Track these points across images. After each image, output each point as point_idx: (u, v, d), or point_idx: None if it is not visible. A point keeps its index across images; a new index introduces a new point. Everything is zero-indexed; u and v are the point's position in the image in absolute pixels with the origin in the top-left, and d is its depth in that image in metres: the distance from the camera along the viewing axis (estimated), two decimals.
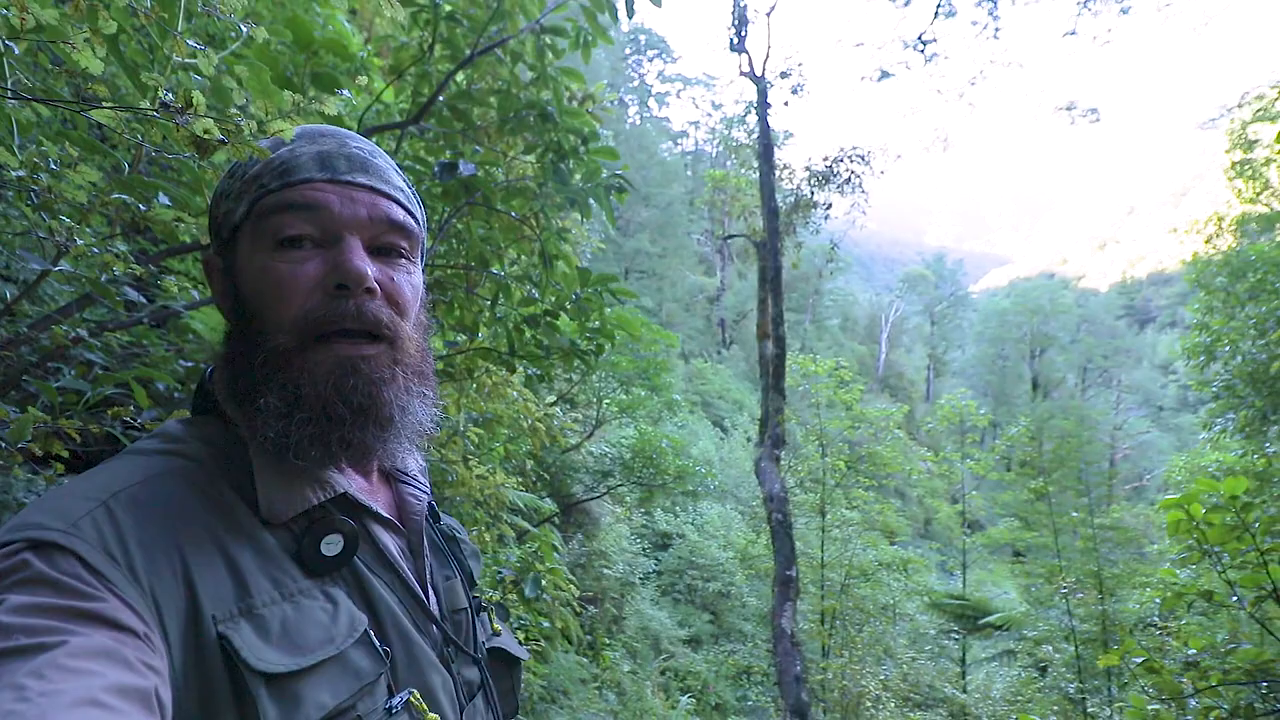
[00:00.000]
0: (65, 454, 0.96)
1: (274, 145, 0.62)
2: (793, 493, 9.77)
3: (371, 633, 0.55)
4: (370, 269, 0.57)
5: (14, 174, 0.76)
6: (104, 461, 0.54)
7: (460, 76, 2.35)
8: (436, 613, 0.64)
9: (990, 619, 10.41)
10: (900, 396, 33.41)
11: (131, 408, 0.97)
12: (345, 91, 2.54)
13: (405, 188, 0.65)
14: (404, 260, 0.62)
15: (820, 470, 10.64)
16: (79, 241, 0.83)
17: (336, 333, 0.56)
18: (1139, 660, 2.42)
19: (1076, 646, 7.91)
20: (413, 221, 0.63)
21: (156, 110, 0.61)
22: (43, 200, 0.79)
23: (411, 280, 0.62)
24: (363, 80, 2.41)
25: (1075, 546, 8.90)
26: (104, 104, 0.67)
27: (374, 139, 2.46)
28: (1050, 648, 8.42)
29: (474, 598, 0.72)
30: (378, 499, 0.65)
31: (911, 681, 8.89)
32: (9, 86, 0.82)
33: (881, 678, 8.79)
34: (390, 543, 0.63)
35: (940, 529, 22.31)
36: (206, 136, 0.60)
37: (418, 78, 2.25)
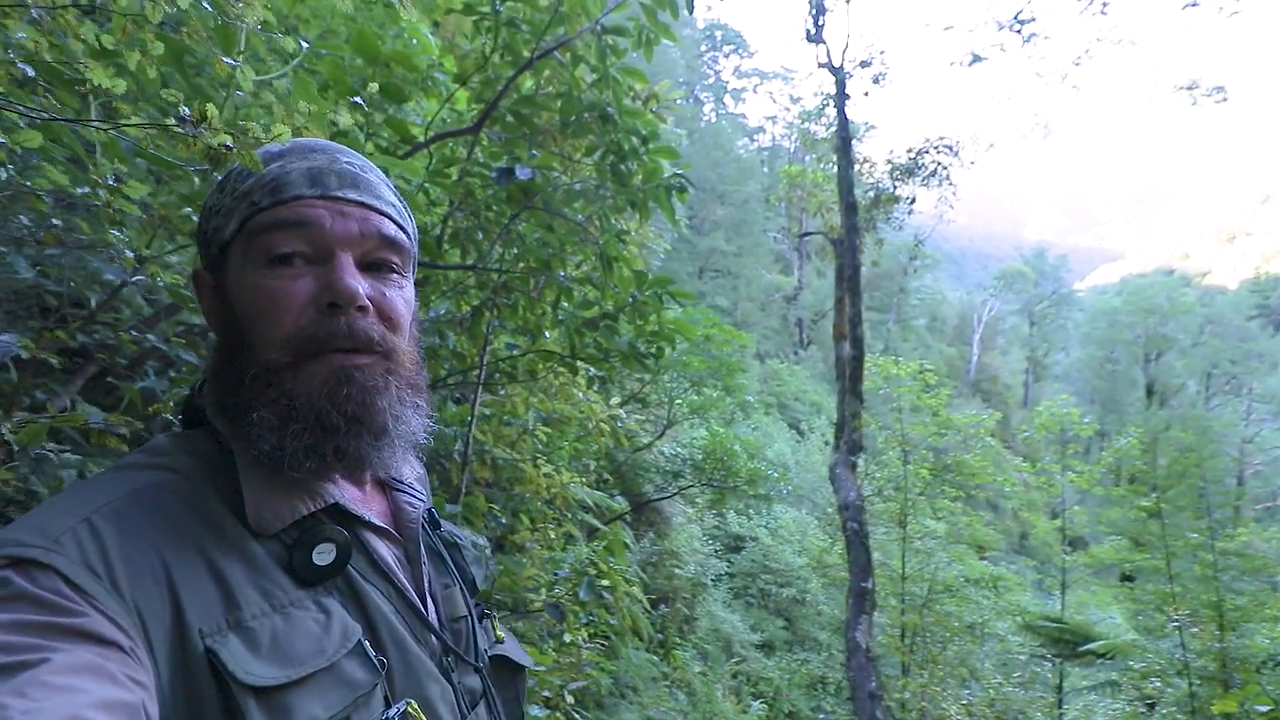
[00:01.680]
0: (125, 447, 1.03)
1: (264, 156, 0.62)
2: (870, 501, 9.38)
3: (366, 643, 0.54)
4: (362, 286, 0.58)
5: (79, 191, 0.83)
6: (93, 476, 0.56)
7: (527, 82, 2.38)
8: (435, 621, 0.63)
9: (1092, 646, 9.59)
10: (994, 402, 31.49)
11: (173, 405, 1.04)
12: (424, 103, 2.63)
13: (397, 202, 0.65)
14: (395, 275, 0.63)
15: (901, 478, 10.15)
16: (130, 254, 0.89)
17: (333, 350, 0.57)
18: (1265, 710, 2.14)
19: (1191, 684, 7.16)
20: (404, 236, 0.63)
21: (177, 125, 0.63)
22: (110, 216, 0.85)
23: (404, 295, 0.63)
24: (435, 89, 2.48)
25: (1193, 572, 8.04)
26: (134, 122, 0.70)
27: (446, 146, 2.53)
28: (1159, 683, 7.66)
29: (475, 605, 0.71)
30: (372, 508, 0.65)
31: (999, 708, 8.31)
32: (93, 114, 0.88)
33: (965, 701, 8.28)
34: (386, 552, 0.63)
35: (1037, 545, 20.85)
36: (218, 149, 0.61)
37: (482, 84, 2.29)
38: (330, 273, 0.57)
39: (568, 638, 3.27)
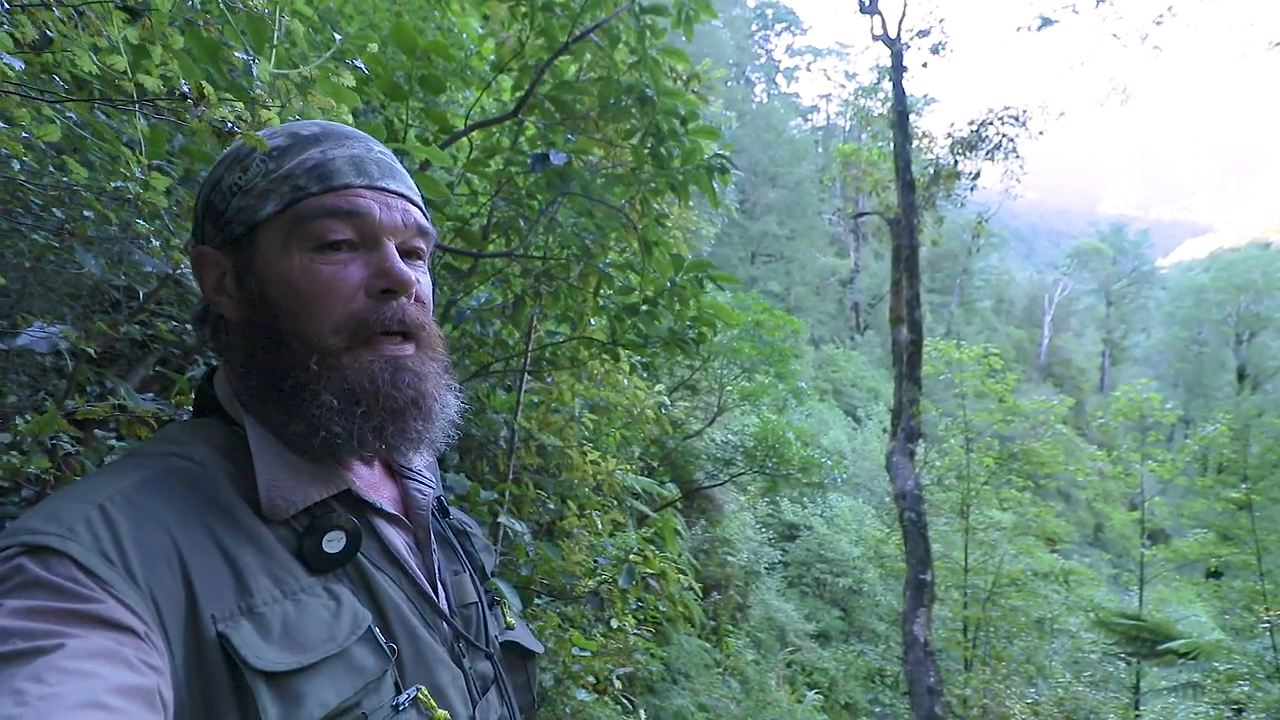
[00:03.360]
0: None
1: (296, 139, 0.62)
2: (930, 490, 9.08)
3: (376, 629, 0.54)
4: (411, 273, 0.60)
5: (113, 185, 0.86)
6: (106, 465, 0.57)
7: (569, 69, 2.36)
8: (445, 608, 0.64)
9: (1172, 645, 9.02)
10: (1067, 387, 29.97)
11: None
12: (469, 93, 2.65)
13: (419, 191, 0.68)
14: (421, 262, 0.65)
15: (964, 467, 9.77)
16: (156, 243, 0.92)
17: (381, 334, 0.59)
18: None
19: None
20: (429, 225, 0.66)
21: (180, 101, 0.63)
22: (147, 208, 0.88)
23: (428, 279, 0.65)
24: (474, 78, 2.49)
25: None
26: (150, 99, 0.71)
27: (487, 134, 2.55)
28: (1248, 686, 7.15)
29: (485, 591, 0.71)
30: (382, 495, 0.65)
31: (1068, 708, 7.93)
32: (130, 100, 0.91)
33: (1030, 699, 7.94)
34: (396, 538, 0.63)
35: (1114, 538, 19.77)
36: (222, 124, 0.61)
37: (520, 71, 2.29)
38: (382, 260, 0.59)
39: (615, 623, 3.29)
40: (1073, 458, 13.17)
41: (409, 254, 0.63)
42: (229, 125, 0.61)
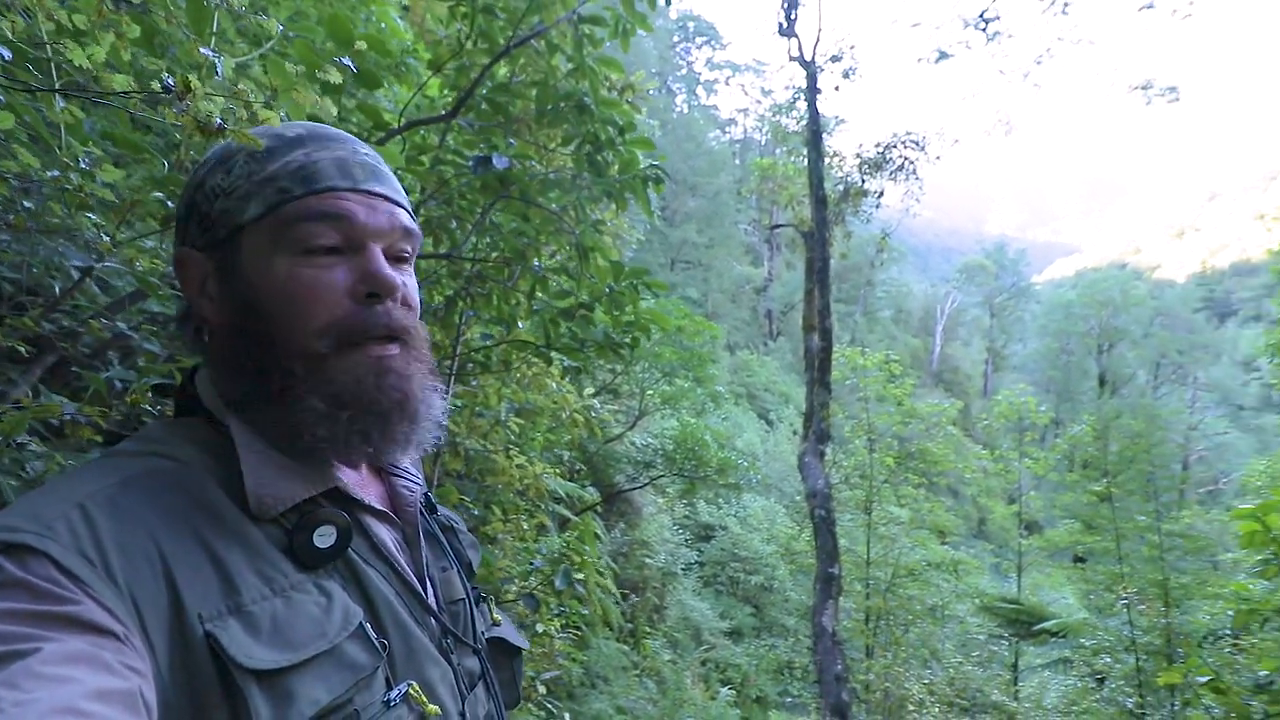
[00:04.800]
0: (99, 439, 1.00)
1: (279, 140, 0.61)
2: (838, 489, 9.57)
3: (367, 625, 0.54)
4: (396, 277, 0.60)
5: (50, 174, 0.80)
6: (84, 464, 0.55)
7: (502, 70, 2.36)
8: (434, 604, 0.64)
9: (1046, 625, 9.97)
10: (955, 391, 32.30)
11: (149, 396, 1.01)
12: (397, 90, 2.58)
13: (405, 193, 0.67)
14: (408, 265, 0.65)
15: (867, 466, 10.38)
16: (106, 238, 0.86)
17: (367, 339, 0.59)
18: (1205, 679, 2.27)
19: (1138, 659, 7.50)
20: (416, 227, 0.65)
21: (159, 93, 0.61)
22: (80, 200, 0.83)
23: (414, 282, 0.65)
24: (408, 75, 2.44)
25: (1140, 553, 8.41)
26: (117, 91, 0.68)
27: (417, 133, 2.49)
28: (1109, 658, 8.01)
29: (472, 588, 0.72)
30: (370, 492, 0.65)
31: (959, 687, 8.61)
32: (57, 86, 0.85)
33: (926, 681, 8.55)
34: (385, 535, 0.63)
35: (995, 530, 21.55)
36: (208, 120, 0.60)
37: (457, 72, 2.26)
38: (367, 264, 0.59)
39: (540, 628, 3.28)
40: (961, 456, 14.26)
41: (395, 257, 0.62)
42: (219, 122, 0.59)
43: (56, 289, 1.03)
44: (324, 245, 0.58)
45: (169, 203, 0.92)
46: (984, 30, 10.05)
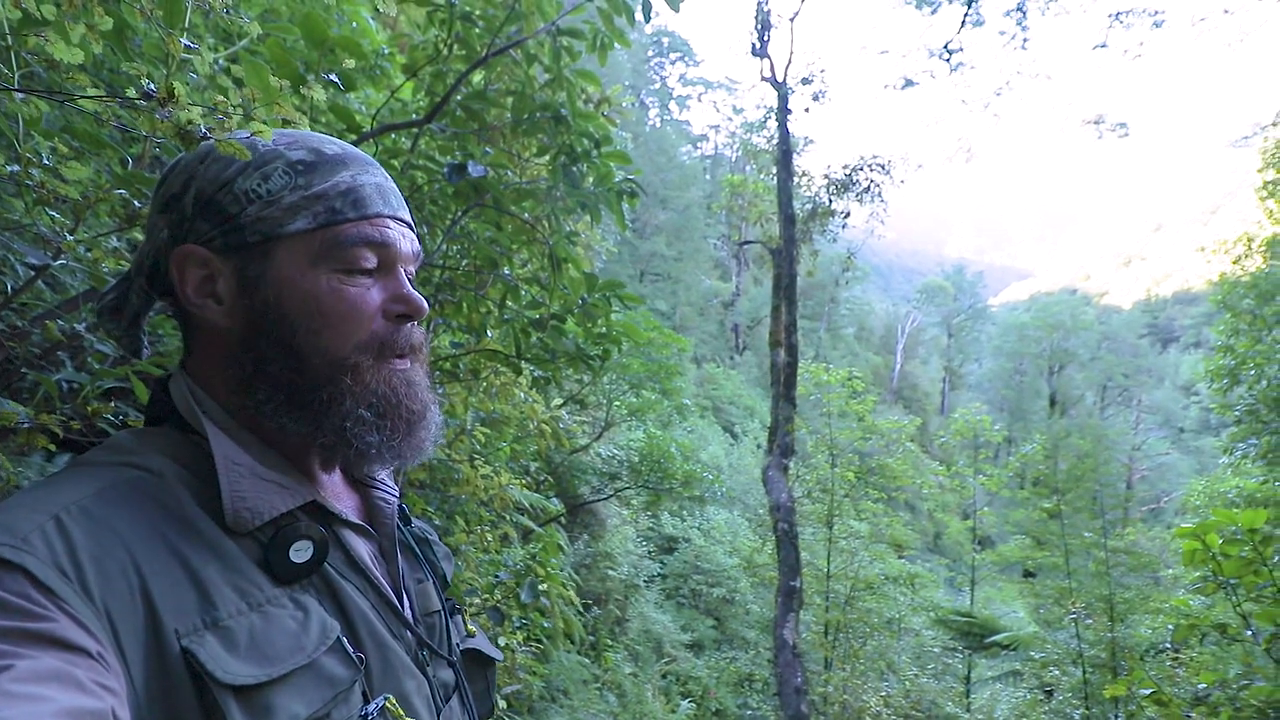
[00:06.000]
0: (52, 447, 0.96)
1: (323, 158, 0.61)
2: (800, 503, 9.69)
3: (344, 639, 0.54)
4: (424, 301, 0.64)
5: (9, 169, 0.76)
6: (53, 475, 0.53)
7: (477, 77, 2.35)
8: (410, 616, 0.64)
9: (997, 638, 10.25)
10: (914, 409, 33.10)
11: (113, 404, 0.97)
12: (369, 92, 2.55)
13: None
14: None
15: (829, 481, 10.54)
16: (69, 237, 0.83)
17: (394, 354, 0.63)
18: (1147, 692, 2.36)
19: (1085, 671, 7.76)
20: (421, 249, 0.69)
21: (140, 99, 0.60)
22: (40, 196, 0.79)
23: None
24: (382, 78, 2.41)
25: (1087, 569, 8.73)
26: (90, 94, 0.66)
27: (388, 137, 2.47)
28: (1057, 671, 8.26)
29: (447, 600, 0.72)
30: (346, 504, 0.65)
31: (914, 698, 8.76)
32: (14, 82, 0.82)
33: (883, 693, 8.67)
34: (362, 548, 0.63)
35: (950, 544, 22.07)
36: (190, 127, 0.59)
37: (433, 77, 2.25)
38: (399, 288, 0.63)
39: (503, 641, 3.24)
40: (919, 472, 14.60)
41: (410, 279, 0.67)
42: (202, 130, 0.58)
43: (9, 287, 0.98)
44: (366, 268, 0.61)
45: (136, 202, 0.88)
46: (948, 60, 10.43)
